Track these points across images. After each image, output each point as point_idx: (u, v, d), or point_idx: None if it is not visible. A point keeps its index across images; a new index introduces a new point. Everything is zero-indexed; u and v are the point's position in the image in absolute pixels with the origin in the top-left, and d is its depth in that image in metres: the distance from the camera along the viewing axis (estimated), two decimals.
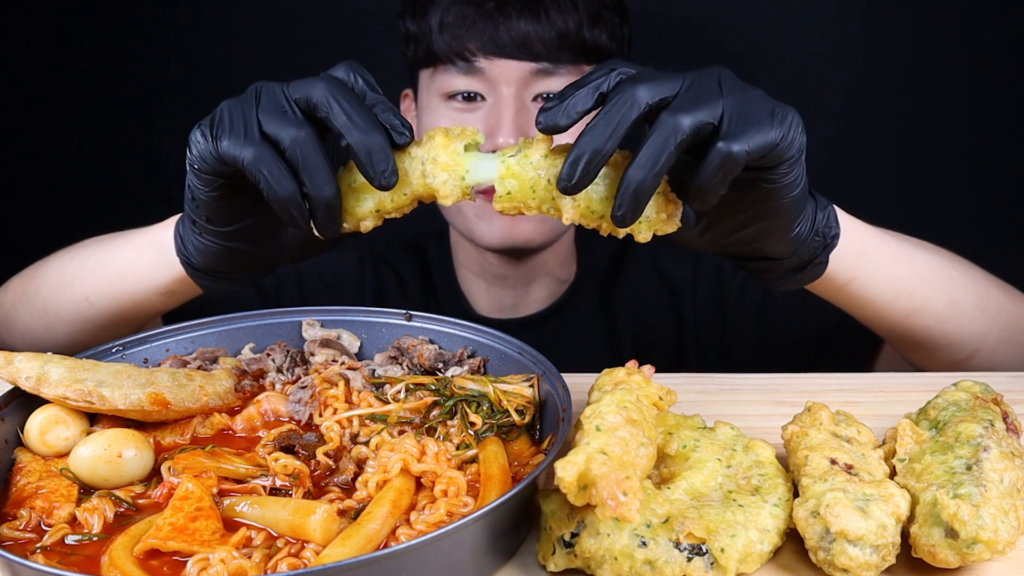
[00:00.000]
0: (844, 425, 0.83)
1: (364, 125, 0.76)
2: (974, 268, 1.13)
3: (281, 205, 0.78)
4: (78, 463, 0.80)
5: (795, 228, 0.87)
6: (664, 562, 0.69)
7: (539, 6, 1.30)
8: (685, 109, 0.73)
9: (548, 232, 1.40)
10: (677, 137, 0.73)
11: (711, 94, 0.75)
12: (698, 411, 0.89)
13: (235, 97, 0.81)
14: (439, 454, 0.79)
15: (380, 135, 0.76)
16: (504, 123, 1.30)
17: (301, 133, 0.77)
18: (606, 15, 1.36)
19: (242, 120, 0.78)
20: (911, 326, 1.08)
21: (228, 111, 0.80)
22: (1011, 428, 0.82)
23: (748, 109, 0.75)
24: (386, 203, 0.81)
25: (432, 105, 1.38)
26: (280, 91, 0.79)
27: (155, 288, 1.05)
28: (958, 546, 0.68)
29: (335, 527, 0.72)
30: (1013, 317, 1.13)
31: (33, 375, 0.85)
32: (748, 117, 0.75)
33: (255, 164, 0.77)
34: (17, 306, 1.20)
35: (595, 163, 0.73)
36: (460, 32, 1.31)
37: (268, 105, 0.79)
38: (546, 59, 1.31)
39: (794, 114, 0.78)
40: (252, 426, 0.90)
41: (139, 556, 0.70)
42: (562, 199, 0.77)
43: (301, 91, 0.78)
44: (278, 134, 0.77)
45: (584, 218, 0.78)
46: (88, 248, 1.14)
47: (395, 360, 0.98)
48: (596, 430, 0.72)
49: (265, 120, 0.78)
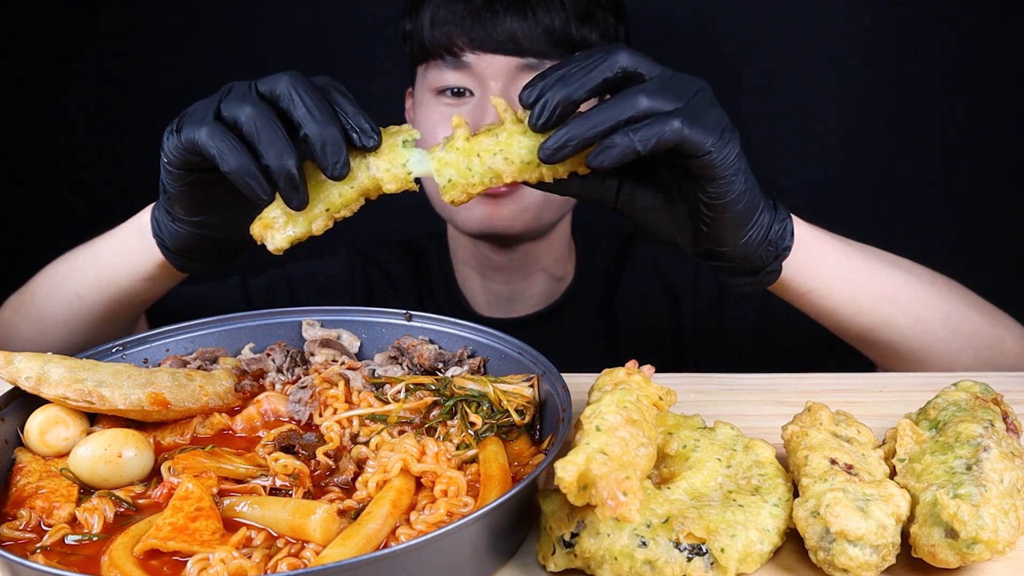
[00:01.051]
0: (844, 425, 0.83)
1: (321, 118, 0.80)
2: (950, 289, 1.15)
3: (236, 176, 0.80)
4: (78, 463, 0.80)
5: (744, 236, 0.91)
6: (664, 562, 0.69)
7: (526, 3, 1.32)
8: (650, 93, 0.79)
9: (528, 220, 1.41)
10: (630, 111, 0.78)
11: (681, 92, 0.80)
12: (698, 411, 0.89)
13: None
14: (439, 454, 0.79)
15: (336, 128, 0.80)
16: (489, 116, 1.32)
17: (257, 109, 0.80)
18: (598, 14, 1.38)
19: (203, 110, 0.84)
20: (875, 340, 1.11)
21: (194, 106, 0.85)
22: (1011, 428, 0.82)
23: (703, 114, 0.80)
24: (335, 200, 0.84)
25: (425, 100, 1.41)
26: (247, 85, 0.84)
27: (138, 274, 1.09)
28: (958, 546, 0.68)
29: (335, 527, 0.72)
30: (989, 340, 1.14)
31: (33, 375, 0.85)
32: (697, 117, 0.80)
33: (208, 140, 0.81)
34: (14, 318, 1.24)
35: (563, 107, 0.79)
36: (449, 28, 1.34)
37: (232, 94, 0.83)
38: (532, 55, 1.33)
39: (736, 139, 0.84)
40: (252, 426, 0.90)
41: (139, 556, 0.70)
42: (498, 166, 0.83)
43: (266, 84, 0.82)
44: (234, 113, 0.81)
45: (522, 173, 0.83)
46: (77, 250, 1.18)
47: (395, 360, 0.98)
48: (596, 430, 0.72)
49: (224, 106, 0.82)
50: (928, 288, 1.12)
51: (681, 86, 0.81)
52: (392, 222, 0.90)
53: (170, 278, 1.10)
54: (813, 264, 1.02)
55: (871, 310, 1.08)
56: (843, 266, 1.05)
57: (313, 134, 0.79)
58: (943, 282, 1.15)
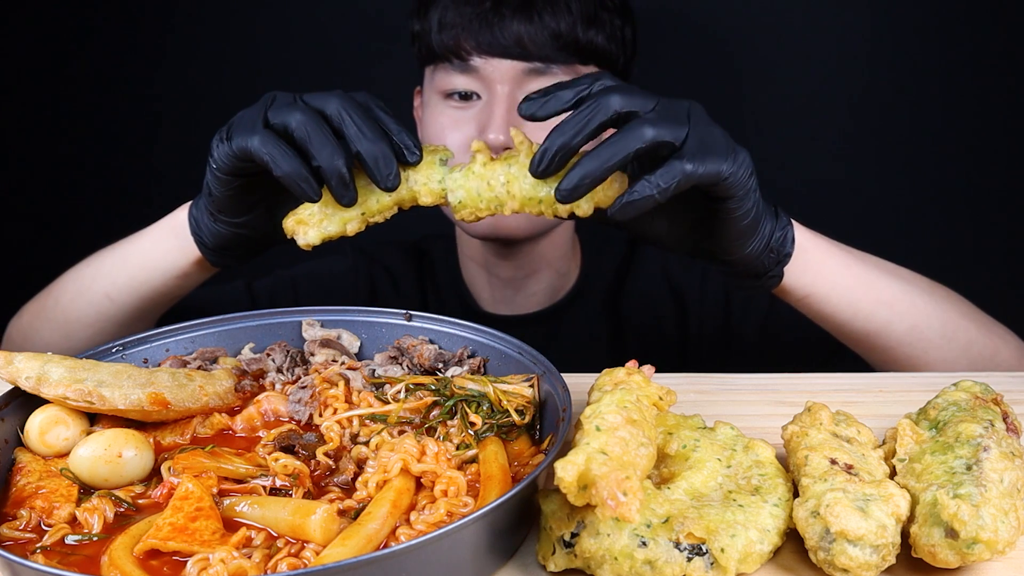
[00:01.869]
0: (844, 425, 0.83)
1: (372, 135, 0.86)
2: (948, 299, 1.17)
3: (289, 180, 0.86)
4: (78, 463, 0.80)
5: (749, 247, 0.96)
6: (664, 562, 0.69)
7: (532, 7, 1.33)
8: (652, 123, 0.82)
9: (534, 224, 1.43)
10: (638, 143, 0.82)
11: (679, 119, 0.84)
12: (698, 411, 0.89)
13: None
14: (439, 454, 0.79)
15: (386, 145, 0.86)
16: (495, 120, 1.33)
17: (306, 115, 0.86)
18: (604, 16, 1.38)
19: (251, 118, 0.88)
20: (872, 345, 1.14)
21: (240, 115, 0.90)
22: (1011, 428, 0.82)
23: (709, 140, 0.84)
24: (372, 206, 0.90)
25: (432, 102, 1.42)
26: (291, 96, 0.89)
27: (172, 272, 1.14)
28: (958, 546, 0.68)
29: (335, 527, 0.72)
30: (986, 351, 1.17)
31: (33, 375, 0.85)
32: (707, 147, 0.83)
33: (261, 147, 0.86)
34: (35, 324, 1.27)
35: (561, 155, 0.83)
36: (457, 32, 1.35)
37: (277, 103, 0.88)
38: (538, 59, 1.34)
39: (745, 155, 0.87)
40: (252, 426, 0.90)
41: (139, 556, 0.70)
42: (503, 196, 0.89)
43: (316, 101, 0.87)
44: (284, 120, 0.86)
45: (524, 206, 0.89)
46: (100, 254, 1.22)
47: (395, 360, 0.98)
48: (596, 430, 0.72)
49: (272, 113, 0.88)
50: (925, 297, 1.14)
51: (679, 111, 0.84)
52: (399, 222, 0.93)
53: (201, 274, 1.15)
54: (813, 269, 1.05)
55: (868, 316, 1.11)
56: (842, 272, 1.08)
57: (366, 151, 0.85)
58: (941, 292, 1.18)
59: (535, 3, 1.33)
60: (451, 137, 1.37)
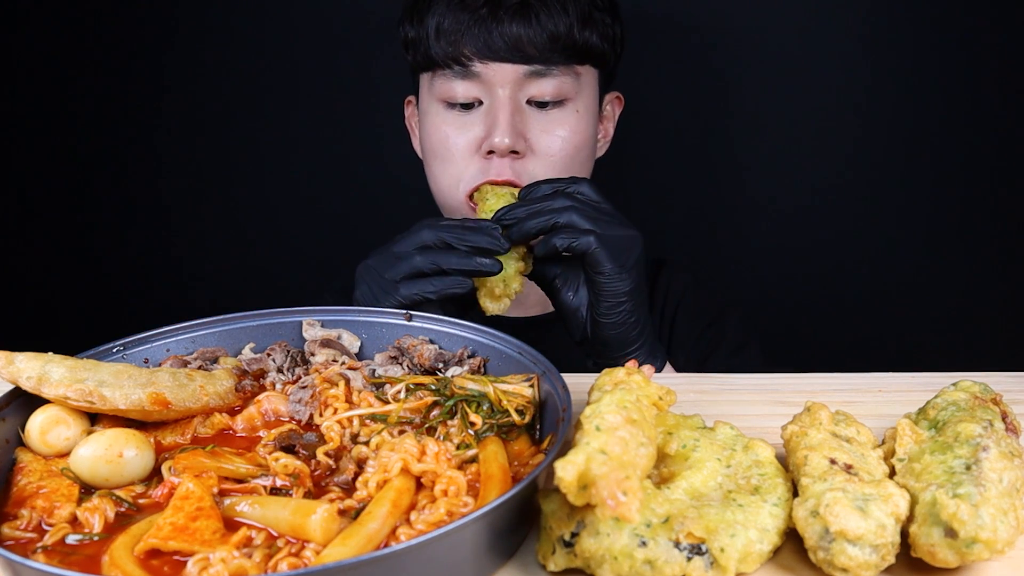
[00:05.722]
0: (844, 425, 0.83)
1: (460, 260, 1.10)
2: None
3: (467, 280, 1.11)
4: (79, 463, 0.80)
5: (612, 355, 1.17)
6: (664, 562, 0.69)
7: (530, 10, 1.34)
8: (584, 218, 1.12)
9: None
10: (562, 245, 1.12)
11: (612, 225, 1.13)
12: (698, 411, 0.89)
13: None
14: (439, 454, 0.79)
15: (474, 259, 1.10)
16: (500, 123, 1.34)
17: (431, 232, 1.12)
18: (596, 15, 1.40)
19: (395, 273, 1.12)
20: None
21: (375, 280, 1.14)
22: (1010, 428, 0.82)
23: (618, 248, 1.11)
24: (509, 268, 1.16)
25: (432, 109, 1.42)
26: (395, 246, 1.14)
27: None
28: (957, 546, 0.68)
29: (335, 527, 0.72)
30: None
31: (34, 375, 0.85)
32: (612, 248, 1.11)
33: (433, 287, 1.10)
34: None
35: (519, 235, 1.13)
36: (456, 37, 1.35)
37: (403, 248, 1.13)
38: (538, 61, 1.35)
39: (639, 288, 1.13)
40: (252, 426, 0.91)
41: (140, 556, 0.70)
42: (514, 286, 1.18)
43: (413, 241, 1.13)
44: (423, 245, 1.11)
45: (513, 279, 1.17)
46: None
47: (395, 360, 0.99)
48: (596, 430, 0.72)
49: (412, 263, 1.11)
50: None
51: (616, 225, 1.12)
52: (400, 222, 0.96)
53: None
54: None
55: None
56: None
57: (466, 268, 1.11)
58: None
59: (531, 6, 1.34)
60: (456, 142, 1.37)
